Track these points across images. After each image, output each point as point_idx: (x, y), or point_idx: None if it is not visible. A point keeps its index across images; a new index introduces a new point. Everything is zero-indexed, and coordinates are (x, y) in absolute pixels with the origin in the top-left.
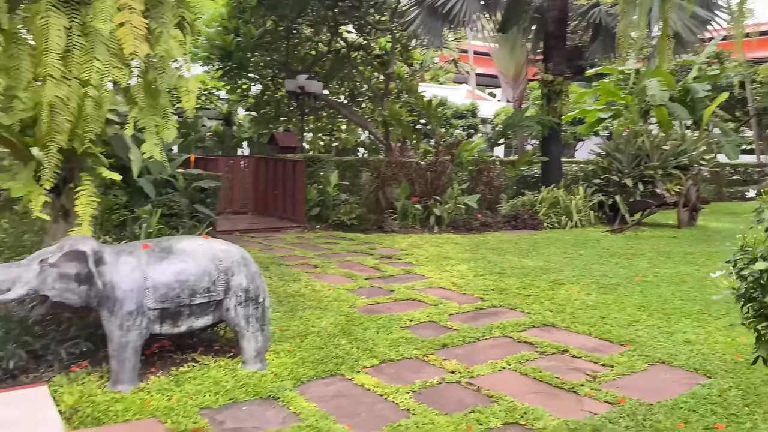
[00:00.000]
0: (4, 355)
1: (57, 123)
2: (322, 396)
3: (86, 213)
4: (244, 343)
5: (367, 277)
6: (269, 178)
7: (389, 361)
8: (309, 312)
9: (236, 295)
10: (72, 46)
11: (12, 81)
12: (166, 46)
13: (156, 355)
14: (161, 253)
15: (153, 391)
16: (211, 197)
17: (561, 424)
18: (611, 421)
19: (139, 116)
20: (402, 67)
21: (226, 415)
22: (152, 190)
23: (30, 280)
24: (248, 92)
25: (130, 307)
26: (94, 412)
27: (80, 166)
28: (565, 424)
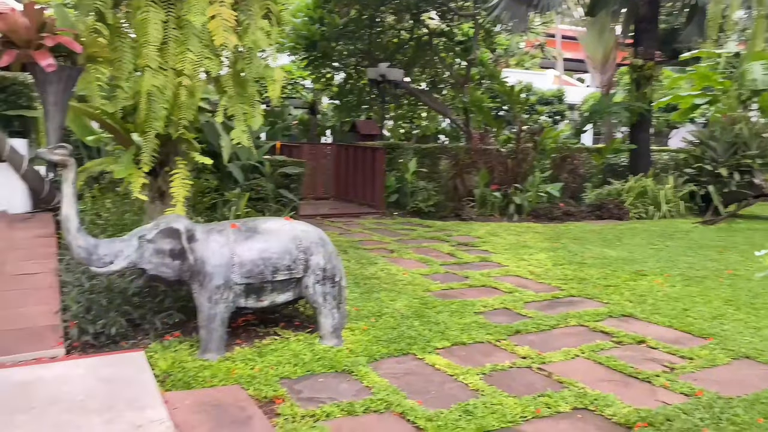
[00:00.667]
0: (107, 322)
1: (154, 110)
2: (393, 373)
3: (180, 194)
4: (322, 319)
5: (442, 263)
6: (350, 165)
7: (461, 344)
8: (384, 294)
9: (314, 273)
10: (168, 38)
11: (115, 72)
12: (254, 38)
13: (241, 327)
14: (247, 233)
15: (237, 360)
16: (295, 183)
17: (632, 411)
18: (685, 412)
19: (228, 104)
20: (485, 53)
21: (303, 385)
22: (241, 175)
23: (130, 254)
24: (332, 81)
25: (219, 282)
26: (184, 377)
27: (175, 150)
28: (636, 412)
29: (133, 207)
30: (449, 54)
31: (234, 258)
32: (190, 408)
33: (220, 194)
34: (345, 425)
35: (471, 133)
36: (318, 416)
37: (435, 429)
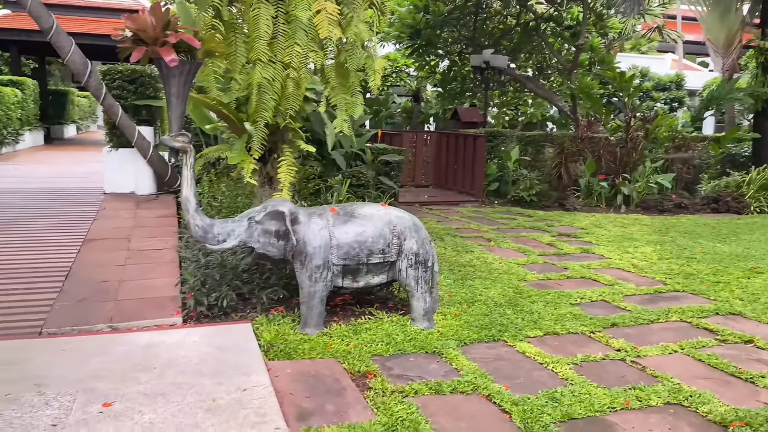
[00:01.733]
0: (220, 295)
1: (264, 101)
2: (483, 357)
3: (286, 180)
4: (414, 302)
5: (540, 254)
6: (450, 152)
7: (554, 334)
8: (478, 282)
9: (407, 257)
10: (277, 32)
11: (230, 65)
12: (356, 30)
13: (339, 306)
14: (345, 217)
15: (334, 336)
16: (395, 170)
17: (729, 410)
18: None
19: (331, 95)
20: (595, 38)
21: (394, 363)
22: (343, 162)
23: (240, 234)
24: (436, 68)
25: (318, 262)
26: (286, 348)
27: (283, 139)
28: (735, 411)
29: (245, 191)
30: (557, 39)
31: (332, 240)
32: (290, 376)
33: (324, 180)
34: (432, 403)
35: (578, 121)
36: (407, 392)
37: (520, 413)
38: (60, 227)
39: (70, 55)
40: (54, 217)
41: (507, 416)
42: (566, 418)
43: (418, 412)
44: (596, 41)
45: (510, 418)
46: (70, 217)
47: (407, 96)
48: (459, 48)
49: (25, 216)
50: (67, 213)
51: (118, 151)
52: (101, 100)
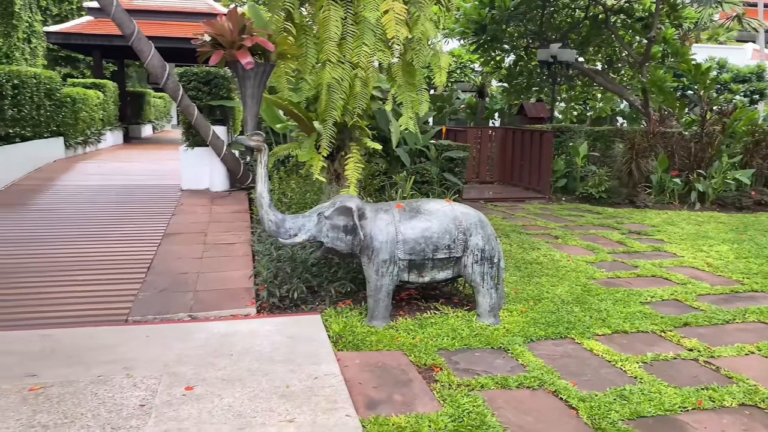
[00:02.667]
0: (291, 288)
1: (333, 100)
2: (549, 354)
3: (353, 177)
4: (479, 298)
5: (610, 251)
6: (516, 148)
7: (622, 332)
8: (545, 279)
9: (473, 253)
10: (346, 33)
11: (300, 66)
12: (423, 29)
13: (404, 301)
14: (411, 213)
15: (400, 329)
16: (460, 167)
17: None
18: None
19: (397, 92)
20: (669, 29)
21: (460, 357)
22: (408, 159)
23: (311, 229)
24: (501, 64)
25: (385, 256)
26: (353, 340)
27: (350, 137)
28: None
29: (313, 187)
30: (628, 32)
31: (398, 235)
32: (358, 366)
33: (389, 177)
34: (498, 396)
35: (650, 115)
36: (473, 386)
37: (587, 409)
38: (142, 222)
39: (149, 58)
40: (136, 213)
41: (574, 412)
42: (635, 416)
43: (484, 405)
44: (670, 32)
45: (577, 414)
46: (150, 212)
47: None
48: (525, 42)
49: (110, 211)
50: (148, 208)
51: (194, 149)
52: (178, 101)
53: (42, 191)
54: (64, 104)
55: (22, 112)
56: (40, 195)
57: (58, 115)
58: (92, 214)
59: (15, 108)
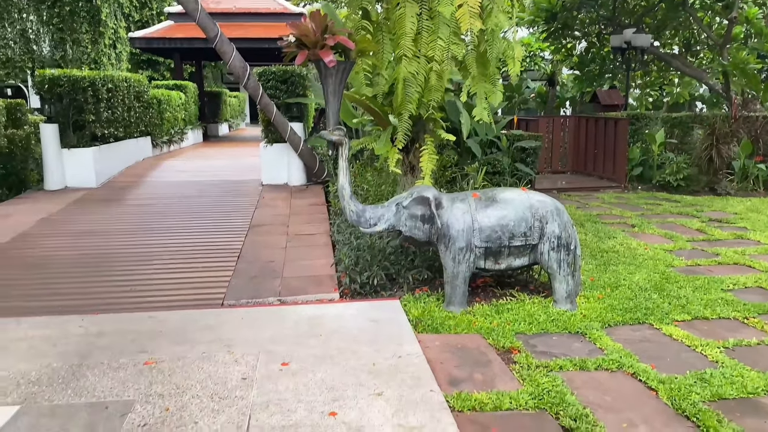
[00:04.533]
0: (371, 275)
1: (409, 94)
2: (627, 339)
3: (428, 168)
4: (556, 285)
5: (689, 239)
6: (589, 137)
7: (702, 319)
8: (622, 267)
9: (549, 240)
10: (421, 28)
11: (377, 61)
12: (496, 20)
13: (480, 288)
14: (487, 201)
15: (477, 314)
16: (531, 156)
17: None
18: None
19: (471, 84)
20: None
21: (537, 341)
22: (479, 150)
23: (390, 218)
24: (573, 51)
25: (461, 244)
26: (432, 324)
27: (424, 129)
28: None
29: (388, 179)
30: (707, 13)
31: (475, 224)
32: (438, 348)
33: (460, 168)
34: (576, 378)
35: (731, 99)
36: (551, 367)
37: (667, 390)
38: (229, 214)
39: (231, 59)
40: (223, 206)
41: (653, 393)
42: (716, 398)
43: (563, 385)
44: (753, 12)
45: (656, 395)
46: (236, 205)
47: (541, 80)
48: (597, 29)
49: (199, 205)
50: (233, 202)
51: (272, 146)
52: (258, 99)
53: (136, 187)
54: (151, 105)
55: (116, 114)
56: (135, 190)
57: (146, 116)
58: (182, 207)
59: (109, 110)
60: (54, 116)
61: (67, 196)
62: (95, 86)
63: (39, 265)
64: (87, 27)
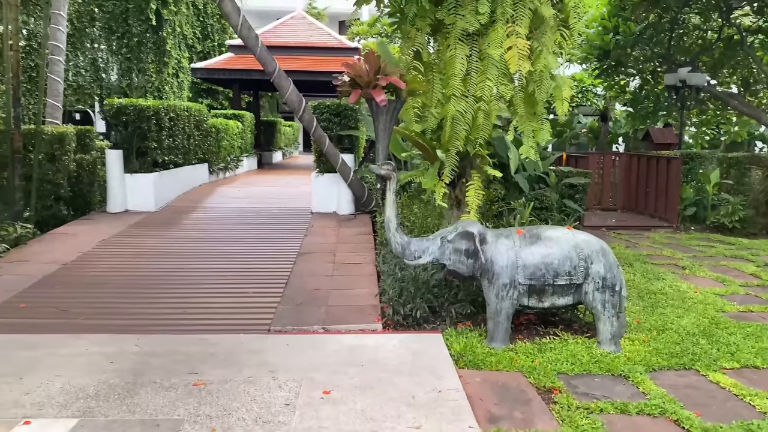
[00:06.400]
0: (414, 307)
1: (456, 131)
2: (672, 384)
3: (474, 203)
4: (600, 325)
5: (742, 284)
6: (641, 175)
7: (753, 367)
8: (669, 310)
9: (594, 281)
10: (470, 69)
11: (426, 100)
12: (545, 62)
13: (524, 325)
14: (531, 239)
15: (519, 352)
16: (580, 193)
17: None
18: None
19: (518, 123)
20: None
21: (579, 381)
22: (526, 185)
23: (434, 251)
24: (626, 88)
25: (505, 280)
26: (474, 359)
27: (471, 164)
28: None
29: (434, 212)
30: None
31: (519, 261)
32: (479, 384)
33: (507, 203)
34: (617, 421)
35: None
36: (592, 409)
37: None
38: (279, 241)
39: (288, 93)
40: (273, 233)
41: None
42: None
43: (603, 428)
44: None
45: None
46: (286, 232)
47: (594, 116)
48: (652, 66)
49: (251, 231)
50: (284, 229)
51: (323, 175)
52: (312, 131)
53: (192, 212)
54: (210, 134)
55: (176, 142)
56: (191, 215)
57: (205, 144)
58: (235, 233)
59: (170, 138)
60: (119, 142)
61: (127, 218)
62: (159, 115)
63: (98, 284)
64: (153, 57)
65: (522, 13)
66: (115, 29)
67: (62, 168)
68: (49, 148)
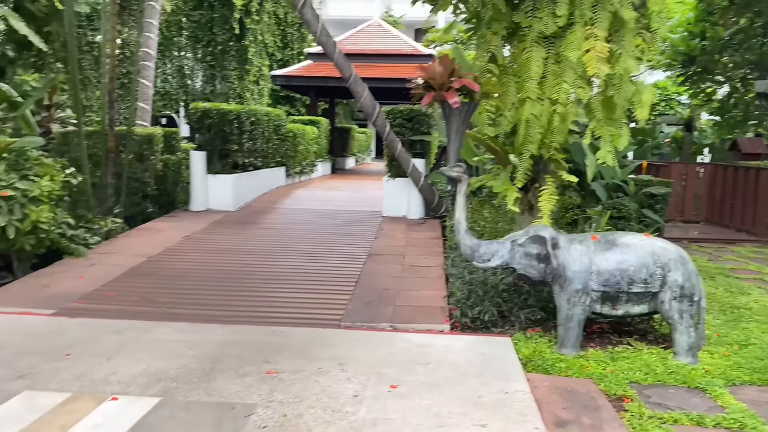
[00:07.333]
0: (482, 310)
1: (530, 135)
2: (753, 400)
3: (547, 208)
4: (677, 336)
5: None
6: (726, 187)
7: None
8: (754, 325)
9: (671, 289)
10: (547, 72)
11: (501, 103)
12: (625, 65)
13: (595, 333)
14: (606, 245)
15: (590, 360)
16: (661, 203)
17: None
18: None
19: (596, 127)
20: None
21: (652, 391)
22: (603, 193)
23: (504, 255)
24: (713, 96)
25: (577, 286)
26: (543, 364)
27: (545, 169)
28: None
29: (505, 217)
30: None
31: (592, 266)
32: (547, 389)
33: (582, 211)
34: None
35: None
36: (665, 419)
37: None
38: (350, 242)
39: (363, 99)
40: (345, 234)
41: None
42: None
43: None
44: None
45: None
46: (357, 234)
47: (677, 125)
48: (741, 73)
49: (323, 232)
50: (355, 231)
51: (395, 180)
52: (385, 136)
53: (268, 213)
54: (287, 138)
55: (256, 145)
56: (267, 216)
57: (282, 148)
58: (309, 233)
59: (251, 141)
60: (203, 144)
61: (208, 217)
62: (240, 119)
63: (181, 277)
64: (235, 64)
65: (601, 16)
66: (201, 38)
67: (150, 167)
68: (139, 148)
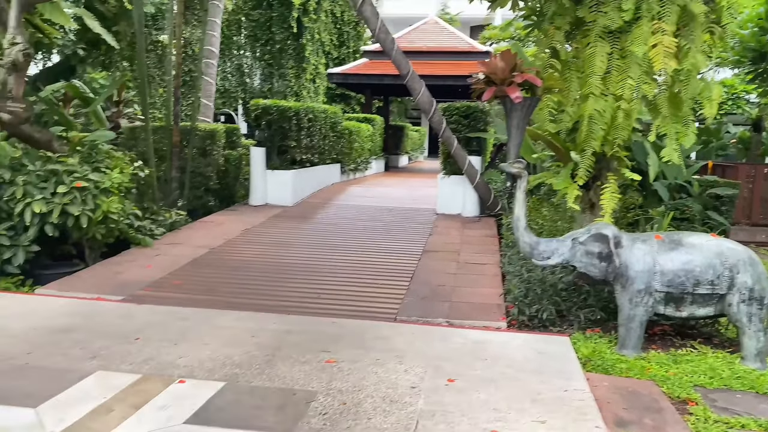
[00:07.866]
0: (540, 308)
1: (593, 131)
2: None
3: (609, 206)
4: (745, 340)
5: None
6: None
7: None
8: None
9: (740, 292)
10: (611, 67)
11: (563, 98)
12: (693, 61)
13: (657, 336)
14: (670, 244)
15: (652, 361)
16: (727, 205)
17: None
18: None
19: (660, 124)
20: None
21: (718, 396)
22: (666, 193)
23: (564, 253)
24: None
25: (640, 286)
26: (602, 364)
27: (607, 167)
28: None
29: (565, 216)
30: None
31: (656, 266)
32: (607, 389)
33: (644, 211)
34: None
35: None
36: (732, 424)
37: None
38: (405, 238)
39: (420, 95)
40: (400, 231)
41: None
42: None
43: None
44: None
45: None
46: (411, 231)
47: (745, 125)
48: None
49: (379, 228)
50: (409, 228)
51: (450, 177)
52: (441, 133)
53: (324, 208)
54: (343, 136)
55: (313, 142)
56: (323, 211)
57: (338, 145)
58: (364, 229)
59: (308, 138)
60: (263, 141)
61: (267, 211)
62: (299, 116)
63: (241, 268)
64: (293, 63)
65: (669, 10)
66: (260, 36)
67: (212, 162)
68: (201, 143)
